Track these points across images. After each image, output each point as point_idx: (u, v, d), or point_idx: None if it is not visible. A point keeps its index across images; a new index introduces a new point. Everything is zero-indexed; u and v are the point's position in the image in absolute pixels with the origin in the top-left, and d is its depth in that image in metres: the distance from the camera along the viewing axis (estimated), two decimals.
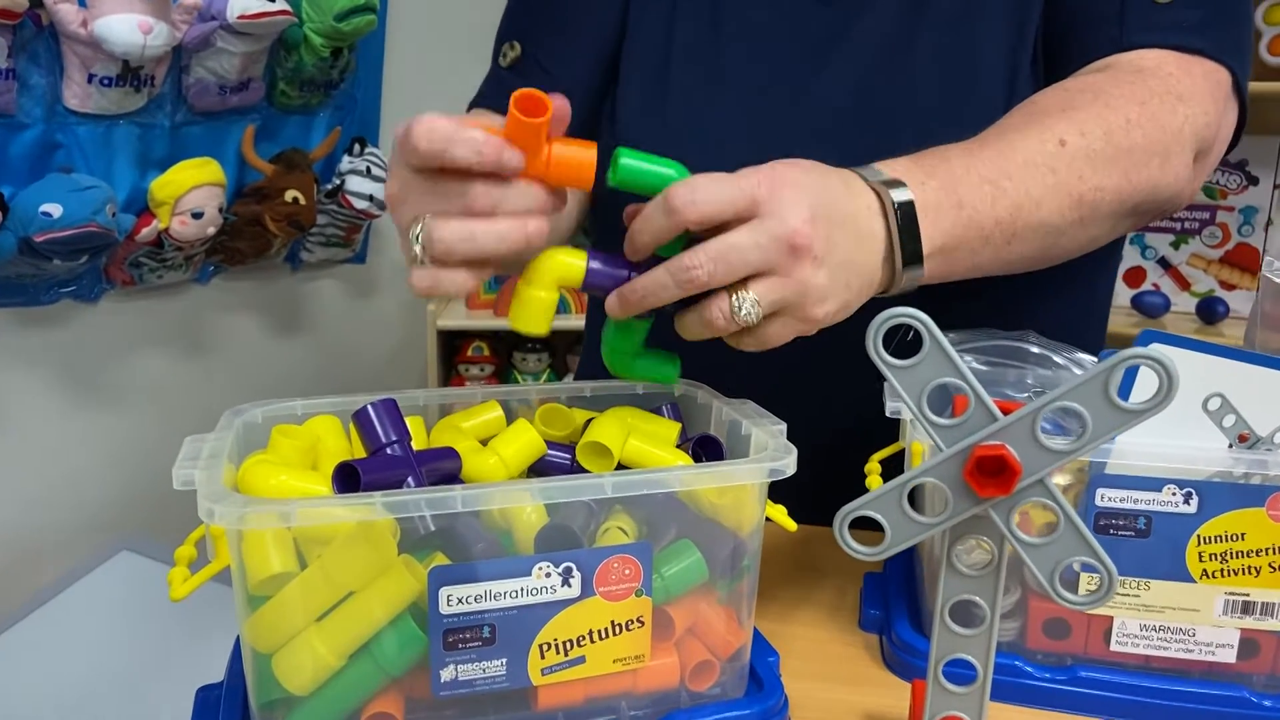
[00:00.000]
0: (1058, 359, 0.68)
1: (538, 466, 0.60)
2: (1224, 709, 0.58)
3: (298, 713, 0.48)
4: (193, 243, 1.52)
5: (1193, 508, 0.56)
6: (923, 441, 0.61)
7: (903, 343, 0.45)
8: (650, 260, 0.57)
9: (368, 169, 1.72)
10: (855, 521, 0.47)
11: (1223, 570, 0.56)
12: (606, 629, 0.51)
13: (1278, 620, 0.57)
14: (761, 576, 0.56)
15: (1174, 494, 0.56)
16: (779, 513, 0.57)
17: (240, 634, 0.50)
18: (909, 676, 0.61)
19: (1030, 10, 0.75)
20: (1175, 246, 1.97)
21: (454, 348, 2.14)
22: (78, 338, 1.56)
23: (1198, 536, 0.56)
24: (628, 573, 0.51)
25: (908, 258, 0.59)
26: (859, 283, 0.58)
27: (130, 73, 1.35)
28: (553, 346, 2.21)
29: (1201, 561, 0.57)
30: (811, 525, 0.64)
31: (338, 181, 1.73)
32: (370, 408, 0.55)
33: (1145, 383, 0.57)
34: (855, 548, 0.46)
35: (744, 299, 0.54)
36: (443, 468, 0.55)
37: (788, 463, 0.51)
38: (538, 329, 0.58)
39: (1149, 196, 0.68)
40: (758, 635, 0.60)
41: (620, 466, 0.58)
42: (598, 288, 0.58)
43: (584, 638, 0.51)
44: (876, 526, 0.47)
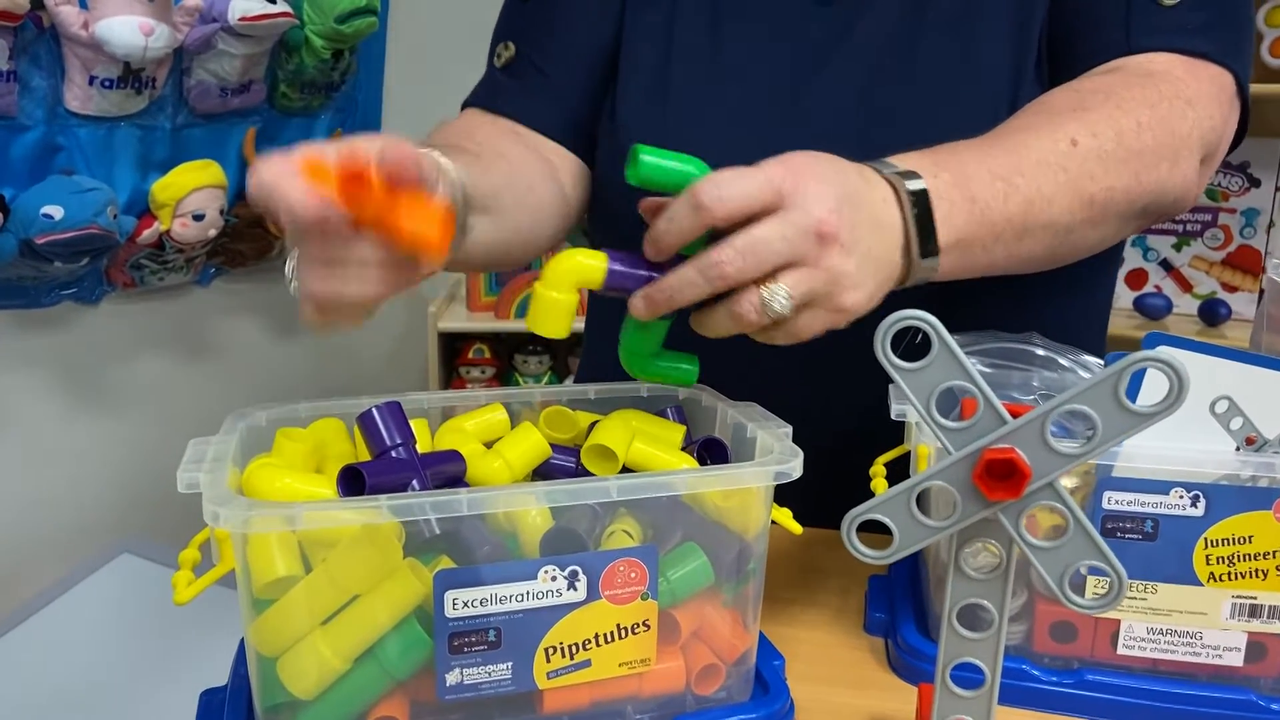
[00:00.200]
0: (1063, 361, 0.67)
1: (542, 469, 0.60)
2: (1231, 712, 0.57)
3: (303, 717, 0.48)
4: (194, 245, 1.52)
5: (1200, 510, 0.56)
6: (929, 444, 0.61)
7: (910, 345, 0.45)
8: (671, 259, 0.56)
9: None
10: (862, 524, 0.47)
11: (1230, 573, 0.56)
12: (612, 632, 0.51)
13: None
14: (765, 579, 0.56)
15: (1181, 497, 0.56)
16: (784, 516, 0.56)
17: (245, 637, 0.49)
18: (914, 680, 0.61)
19: (1033, 10, 0.75)
20: (1177, 248, 1.97)
21: (455, 350, 2.14)
22: (78, 340, 1.55)
23: (1205, 539, 0.56)
24: (633, 576, 0.50)
25: (925, 249, 0.59)
26: (882, 273, 0.57)
27: (131, 75, 1.35)
28: (554, 348, 2.20)
29: (1209, 565, 0.56)
30: (814, 528, 0.64)
31: None
32: (375, 410, 0.55)
33: (1151, 386, 0.56)
34: (864, 551, 0.46)
35: (775, 291, 0.53)
36: (447, 471, 0.54)
37: (794, 465, 0.51)
38: (558, 332, 0.58)
39: (1157, 199, 0.68)
40: (763, 639, 0.59)
41: (625, 469, 0.58)
42: (618, 289, 0.57)
43: (590, 641, 0.50)
44: (883, 529, 0.47)
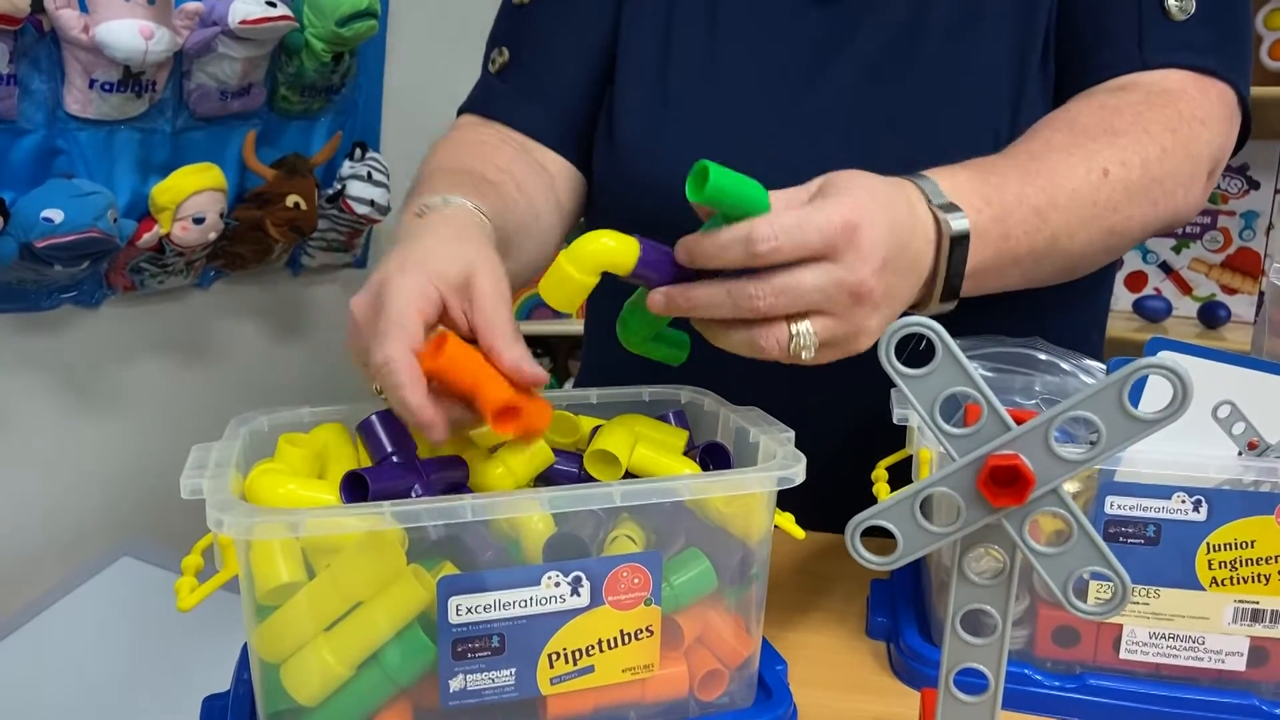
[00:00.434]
0: (1065, 365, 0.68)
1: (545, 475, 0.60)
2: (1233, 717, 0.57)
3: None
4: (194, 248, 1.52)
5: (1202, 515, 0.56)
6: (931, 448, 0.61)
7: (914, 352, 0.45)
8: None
9: (369, 174, 1.72)
10: (864, 529, 0.47)
11: (1232, 578, 0.56)
12: (616, 638, 0.51)
13: None
14: (768, 584, 0.56)
15: (1183, 502, 0.56)
16: (787, 520, 0.56)
17: (248, 644, 0.49)
18: (917, 684, 0.61)
19: (1036, 10, 0.75)
20: (1176, 251, 1.97)
21: None
22: (79, 343, 1.55)
23: (1207, 544, 0.56)
24: (637, 582, 0.50)
25: (946, 292, 0.59)
26: (898, 310, 0.58)
27: (131, 78, 1.35)
28: (554, 351, 2.20)
29: (1211, 569, 0.56)
30: (816, 532, 0.64)
31: (339, 186, 1.72)
32: (376, 417, 0.55)
33: (1154, 391, 0.56)
34: (868, 557, 0.46)
35: (803, 334, 0.54)
36: (450, 476, 0.54)
37: (797, 471, 0.51)
38: (568, 308, 0.57)
39: (1169, 224, 0.70)
40: (766, 644, 0.59)
41: (628, 474, 0.58)
42: (641, 279, 0.57)
43: (593, 647, 0.50)
44: (886, 534, 0.47)
